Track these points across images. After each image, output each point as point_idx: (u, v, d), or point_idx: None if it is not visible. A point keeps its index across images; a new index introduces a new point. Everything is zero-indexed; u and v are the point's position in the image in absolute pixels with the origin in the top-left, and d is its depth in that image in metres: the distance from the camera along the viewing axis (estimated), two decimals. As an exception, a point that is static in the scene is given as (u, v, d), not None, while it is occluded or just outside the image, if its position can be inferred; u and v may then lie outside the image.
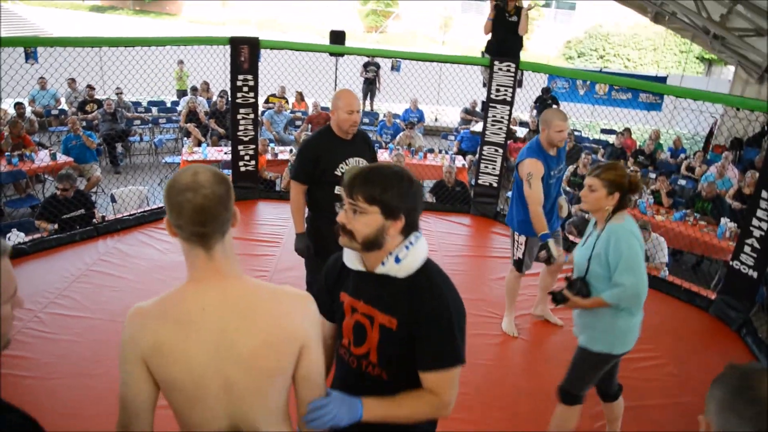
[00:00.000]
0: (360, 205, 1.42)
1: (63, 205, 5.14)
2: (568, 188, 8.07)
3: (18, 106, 8.53)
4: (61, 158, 7.17)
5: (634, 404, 3.33)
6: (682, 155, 10.28)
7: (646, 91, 9.59)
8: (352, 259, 1.54)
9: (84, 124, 8.44)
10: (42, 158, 7.02)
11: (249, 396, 1.31)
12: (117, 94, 10.30)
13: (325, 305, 1.62)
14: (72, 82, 10.51)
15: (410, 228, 1.48)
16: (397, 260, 1.45)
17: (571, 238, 5.69)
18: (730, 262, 4.41)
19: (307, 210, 3.25)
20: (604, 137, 12.28)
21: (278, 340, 1.29)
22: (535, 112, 11.88)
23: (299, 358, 1.34)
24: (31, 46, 4.67)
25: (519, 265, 3.81)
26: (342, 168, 3.08)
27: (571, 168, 8.34)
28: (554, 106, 11.10)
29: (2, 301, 1.01)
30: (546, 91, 11.60)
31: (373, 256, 1.48)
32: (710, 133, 11.88)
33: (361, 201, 1.42)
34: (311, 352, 1.36)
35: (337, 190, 3.11)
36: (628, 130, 10.40)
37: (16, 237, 4.65)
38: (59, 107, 10.53)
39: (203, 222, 1.23)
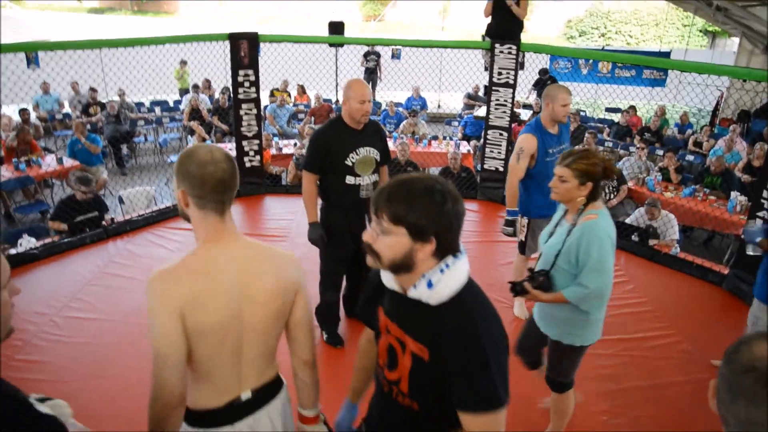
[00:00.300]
0: (385, 225, 1.27)
1: (80, 206, 5.17)
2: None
3: (23, 112, 8.57)
4: (68, 162, 7.20)
5: (649, 383, 3.33)
6: (689, 131, 10.19)
7: (650, 67, 9.48)
8: (387, 277, 1.40)
9: (88, 127, 8.46)
10: (49, 163, 7.05)
11: (259, 335, 1.53)
12: (120, 95, 10.32)
13: (365, 315, 1.57)
14: (75, 85, 10.54)
15: (446, 249, 1.30)
16: (430, 285, 1.28)
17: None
18: (742, 236, 4.38)
19: (319, 200, 3.28)
20: (609, 116, 12.19)
21: (282, 286, 1.54)
22: (535, 94, 11.80)
23: (294, 304, 1.59)
24: (31, 51, 4.68)
25: (522, 247, 3.78)
26: (353, 158, 3.10)
27: (578, 148, 8.28)
28: (555, 86, 11.01)
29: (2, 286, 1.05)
30: (544, 72, 11.51)
31: (405, 277, 1.33)
32: (717, 107, 11.77)
33: (385, 220, 1.27)
34: (303, 298, 1.61)
35: (348, 180, 3.13)
36: (633, 108, 10.32)
37: (27, 242, 4.68)
38: (63, 111, 10.56)
39: (223, 191, 1.45)
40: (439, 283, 1.28)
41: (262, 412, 1.60)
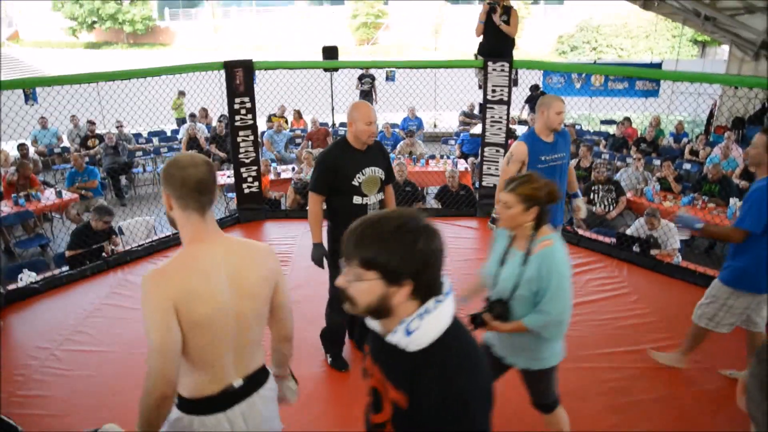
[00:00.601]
0: (356, 270, 1.20)
1: (95, 236, 5.22)
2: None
3: (21, 147, 8.62)
4: (67, 195, 7.22)
5: (657, 395, 3.29)
6: (685, 139, 10.23)
7: (642, 78, 9.56)
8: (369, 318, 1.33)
9: (87, 159, 8.50)
10: (48, 197, 7.07)
11: (251, 321, 1.68)
12: (117, 127, 10.39)
13: (361, 341, 1.56)
14: (75, 118, 10.61)
15: (426, 291, 1.22)
16: (408, 332, 1.20)
17: (580, 231, 5.65)
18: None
19: (325, 221, 3.31)
20: (604, 128, 12.25)
21: (265, 276, 1.71)
22: (527, 110, 11.88)
23: (275, 290, 1.77)
24: (29, 87, 4.72)
25: None
26: (359, 178, 3.15)
27: (573, 162, 8.32)
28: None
29: None
30: (535, 87, 11.61)
31: (385, 321, 1.26)
32: (711, 115, 11.83)
33: (355, 265, 1.20)
34: (282, 285, 1.80)
35: (356, 200, 3.17)
36: (628, 119, 10.38)
37: (27, 277, 4.67)
38: (61, 145, 10.62)
39: (202, 191, 1.58)
40: (418, 329, 1.20)
41: (254, 397, 1.73)
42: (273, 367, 1.92)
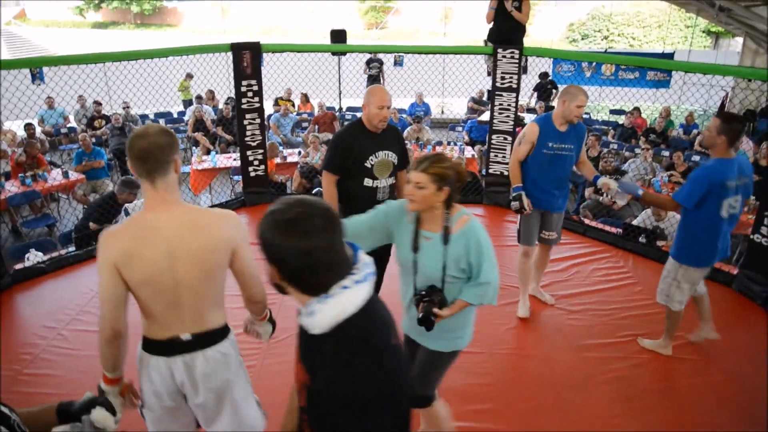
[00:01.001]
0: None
1: (118, 207, 5.38)
2: (580, 172, 7.99)
3: (28, 127, 8.62)
4: (74, 176, 7.23)
5: (662, 385, 3.30)
6: (695, 131, 10.14)
7: (653, 68, 9.45)
8: None
9: (93, 140, 8.51)
10: (55, 177, 7.08)
11: (196, 286, 1.81)
12: (124, 108, 10.37)
13: None
14: (82, 99, 10.61)
15: (309, 288, 1.21)
16: (310, 314, 1.20)
17: (586, 221, 5.63)
18: (751, 236, 4.34)
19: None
20: (613, 118, 12.16)
21: (214, 244, 1.80)
22: (535, 98, 11.79)
23: (233, 258, 1.86)
24: (36, 67, 4.71)
25: (519, 236, 3.91)
26: (372, 160, 3.16)
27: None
28: (554, 90, 11.03)
29: None
30: (544, 75, 11.51)
31: (297, 299, 1.27)
32: (722, 107, 11.71)
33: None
34: (241, 253, 1.87)
35: (366, 182, 3.17)
36: (637, 110, 10.29)
37: (34, 257, 4.69)
38: (68, 125, 10.62)
39: (145, 159, 1.72)
40: (319, 313, 1.18)
41: (198, 353, 1.89)
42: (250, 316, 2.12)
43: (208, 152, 8.66)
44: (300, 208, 1.17)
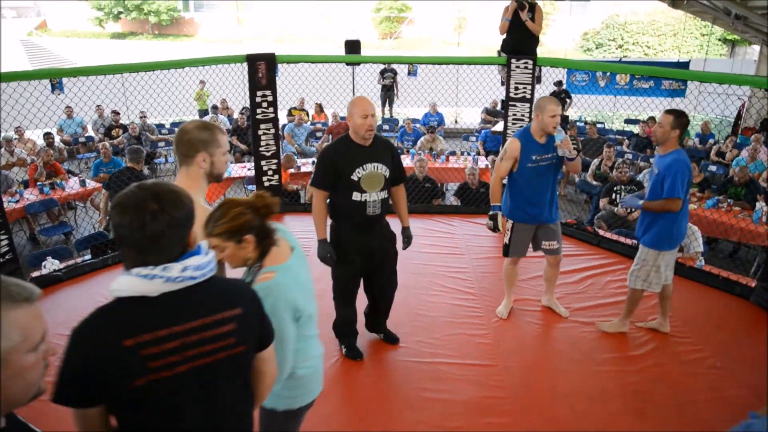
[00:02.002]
0: None
1: (131, 179, 5.58)
2: (594, 182, 7.95)
3: (47, 135, 8.78)
4: (91, 184, 7.33)
5: (679, 400, 3.25)
6: (711, 140, 10.04)
7: (669, 78, 9.38)
8: None
9: (110, 149, 8.63)
10: (72, 185, 7.18)
11: None
12: (141, 117, 10.51)
13: None
14: (100, 108, 10.78)
15: (127, 261, 1.34)
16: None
17: (600, 232, 5.58)
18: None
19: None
20: (628, 128, 12.08)
21: None
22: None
23: None
24: (56, 78, 4.79)
25: (506, 250, 3.94)
26: (359, 173, 3.11)
27: (595, 162, 8.22)
28: (567, 100, 11.01)
29: (24, 350, 1.05)
30: (559, 83, 11.50)
31: None
32: (738, 116, 11.59)
33: None
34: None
35: (354, 196, 3.13)
36: (652, 119, 10.22)
37: (51, 264, 4.75)
38: (86, 134, 10.78)
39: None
40: (116, 281, 1.32)
41: None
42: None
43: (222, 161, 8.73)
44: (136, 189, 1.31)
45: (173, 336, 1.32)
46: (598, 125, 11.33)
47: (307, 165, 8.03)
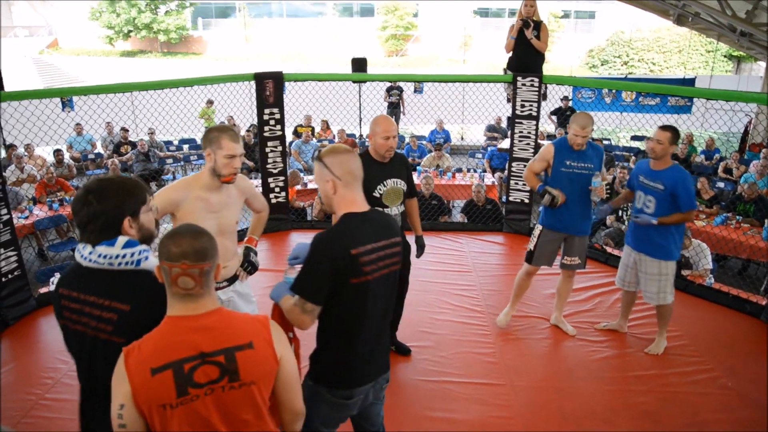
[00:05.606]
0: None
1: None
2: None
3: (57, 153, 8.87)
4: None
5: (689, 420, 3.21)
6: (717, 155, 10.01)
7: (674, 95, 9.41)
8: None
9: (119, 165, 8.70)
10: (81, 202, 7.22)
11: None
12: (149, 134, 10.60)
13: None
14: (108, 125, 10.88)
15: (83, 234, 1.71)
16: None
17: (608, 249, 5.56)
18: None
19: None
20: (634, 144, 12.08)
21: None
22: (555, 124, 11.79)
23: None
24: (66, 96, 4.85)
25: (530, 256, 3.91)
26: (380, 189, 3.20)
27: (609, 178, 8.20)
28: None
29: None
30: (565, 99, 11.55)
31: None
32: (745, 132, 11.57)
33: None
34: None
35: None
36: (659, 136, 10.20)
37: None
38: (95, 151, 10.88)
39: None
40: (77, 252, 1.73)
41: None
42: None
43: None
44: (115, 179, 1.71)
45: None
46: (605, 141, 11.33)
47: (313, 182, 8.05)
